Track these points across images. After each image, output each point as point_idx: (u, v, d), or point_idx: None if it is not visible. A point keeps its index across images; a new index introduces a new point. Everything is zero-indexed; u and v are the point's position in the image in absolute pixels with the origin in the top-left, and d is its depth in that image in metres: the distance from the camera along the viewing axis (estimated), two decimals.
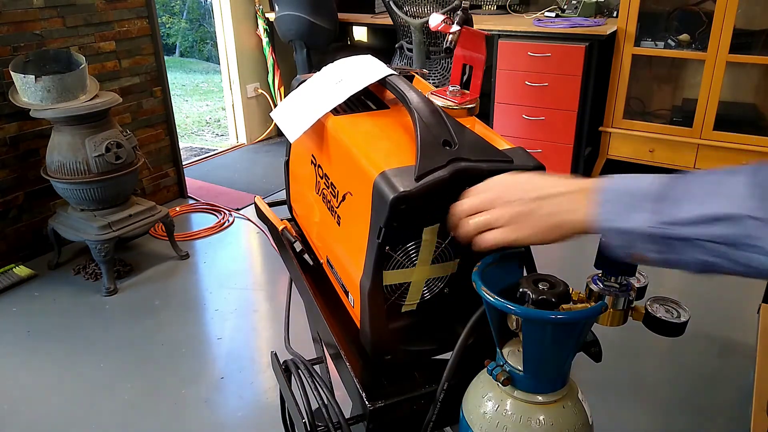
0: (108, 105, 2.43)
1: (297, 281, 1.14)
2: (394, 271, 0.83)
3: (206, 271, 2.75)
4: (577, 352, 0.71)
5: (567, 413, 0.71)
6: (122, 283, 2.61)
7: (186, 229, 3.12)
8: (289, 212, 1.22)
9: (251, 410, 1.89)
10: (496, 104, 3.47)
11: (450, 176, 0.76)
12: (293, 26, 3.71)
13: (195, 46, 8.13)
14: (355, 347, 0.93)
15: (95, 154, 2.40)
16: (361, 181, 0.80)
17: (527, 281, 0.69)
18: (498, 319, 0.70)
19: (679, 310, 0.73)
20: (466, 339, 0.77)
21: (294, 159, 1.12)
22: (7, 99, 2.47)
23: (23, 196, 2.71)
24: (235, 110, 4.37)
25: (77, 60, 2.52)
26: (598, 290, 0.71)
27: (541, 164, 0.82)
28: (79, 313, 2.40)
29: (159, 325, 2.33)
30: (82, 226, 2.49)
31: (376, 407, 0.84)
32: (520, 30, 3.30)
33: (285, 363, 1.04)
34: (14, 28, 2.56)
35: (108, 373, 2.07)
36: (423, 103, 0.84)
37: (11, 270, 2.64)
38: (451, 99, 0.92)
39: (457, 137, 0.80)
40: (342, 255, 0.92)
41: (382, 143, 0.88)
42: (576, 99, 3.23)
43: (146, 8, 3.06)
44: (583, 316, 0.66)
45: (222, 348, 2.22)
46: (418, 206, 0.76)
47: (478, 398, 0.74)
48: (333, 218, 0.93)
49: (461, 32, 0.93)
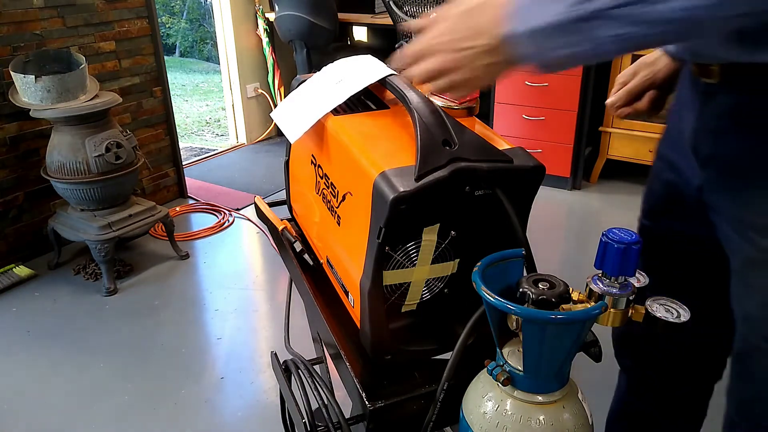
0: (108, 105, 2.43)
1: (297, 281, 1.14)
2: (394, 271, 0.83)
3: (206, 271, 2.75)
4: (577, 352, 0.71)
5: (567, 413, 0.71)
6: (122, 283, 2.61)
7: (186, 229, 3.12)
8: (289, 212, 1.22)
9: (251, 410, 1.89)
10: (496, 104, 3.47)
11: (450, 176, 0.76)
12: (293, 26, 3.71)
13: (195, 46, 8.13)
14: (355, 347, 0.93)
15: (95, 154, 2.40)
16: (361, 181, 0.80)
17: (527, 281, 0.69)
18: (498, 319, 0.70)
19: (679, 310, 0.73)
20: (466, 339, 0.77)
21: (294, 159, 1.12)
22: (7, 99, 2.47)
23: (23, 196, 2.71)
24: (235, 110, 4.37)
25: (77, 60, 2.52)
26: (598, 290, 0.71)
27: (541, 164, 0.82)
28: (79, 313, 2.40)
29: (159, 325, 2.33)
30: (82, 226, 2.49)
31: (376, 407, 0.84)
32: None
33: (285, 363, 1.04)
34: (14, 28, 2.56)
35: (108, 373, 2.07)
36: (423, 103, 0.84)
37: (11, 270, 2.64)
38: (451, 99, 0.92)
39: (457, 137, 0.80)
40: (342, 255, 0.92)
41: (382, 143, 0.88)
42: (576, 99, 3.23)
43: (146, 8, 3.06)
44: (583, 316, 0.66)
45: (222, 348, 2.22)
46: (418, 206, 0.76)
47: (478, 398, 0.74)
48: (333, 218, 0.93)
49: None
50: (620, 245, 0.69)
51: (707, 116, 0.78)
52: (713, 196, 0.81)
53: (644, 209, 1.04)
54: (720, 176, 0.79)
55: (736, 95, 0.74)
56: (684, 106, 0.85)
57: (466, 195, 0.79)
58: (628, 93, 1.01)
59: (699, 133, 0.81)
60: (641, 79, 1.00)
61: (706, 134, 0.79)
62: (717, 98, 0.76)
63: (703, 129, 0.79)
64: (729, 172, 0.77)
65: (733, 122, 0.75)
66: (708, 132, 0.79)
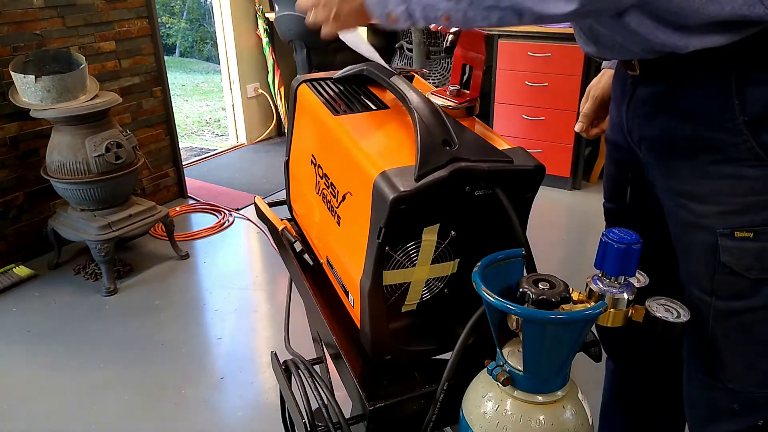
0: (108, 105, 2.43)
1: (297, 281, 1.14)
2: (394, 271, 0.83)
3: (206, 271, 2.75)
4: (577, 352, 0.71)
5: (567, 413, 0.71)
6: (122, 283, 2.61)
7: (186, 229, 3.12)
8: (289, 212, 1.22)
9: (251, 410, 1.89)
10: (496, 104, 3.47)
11: (450, 176, 0.76)
12: (293, 26, 3.71)
13: (195, 46, 8.14)
14: (355, 347, 0.93)
15: (95, 154, 2.40)
16: (361, 181, 0.80)
17: (527, 281, 0.69)
18: (498, 319, 0.70)
19: (679, 310, 0.73)
20: (466, 339, 0.77)
21: (294, 159, 1.12)
22: (7, 99, 2.47)
23: (23, 196, 2.71)
24: (235, 110, 4.37)
25: (77, 60, 2.53)
26: (598, 290, 0.72)
27: (541, 164, 0.82)
28: (79, 313, 2.40)
29: (159, 325, 2.33)
30: (82, 226, 2.49)
31: (376, 407, 0.84)
32: (520, 30, 3.29)
33: (285, 363, 1.04)
34: (14, 28, 2.56)
35: (108, 373, 2.07)
36: (423, 103, 0.84)
37: (11, 270, 2.64)
38: (451, 99, 0.92)
39: (456, 137, 0.80)
40: (342, 255, 0.92)
41: (382, 143, 0.88)
42: (576, 99, 3.22)
43: (146, 8, 3.06)
44: (583, 316, 0.66)
45: (222, 348, 2.22)
46: (418, 206, 0.76)
47: (478, 398, 0.74)
48: (333, 218, 0.93)
49: (461, 32, 0.93)
50: (620, 245, 0.69)
51: (634, 104, 0.91)
52: (651, 172, 0.92)
53: (605, 193, 1.15)
54: (652, 154, 0.90)
55: (654, 85, 0.86)
56: (617, 99, 0.98)
57: (466, 195, 0.79)
58: (585, 116, 1.16)
59: (630, 119, 0.93)
60: (592, 99, 1.15)
61: (636, 119, 0.91)
62: (640, 88, 0.89)
63: (633, 115, 0.92)
64: (657, 150, 0.89)
65: (654, 107, 0.87)
66: (637, 117, 0.91)
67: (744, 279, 0.81)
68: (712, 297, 0.84)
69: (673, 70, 0.82)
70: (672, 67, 0.81)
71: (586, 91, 1.18)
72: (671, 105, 0.84)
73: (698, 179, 0.83)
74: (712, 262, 0.83)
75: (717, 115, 0.78)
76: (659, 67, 0.83)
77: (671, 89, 0.83)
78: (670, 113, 0.84)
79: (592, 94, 1.15)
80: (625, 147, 0.99)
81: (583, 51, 0.95)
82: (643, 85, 0.89)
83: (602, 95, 1.14)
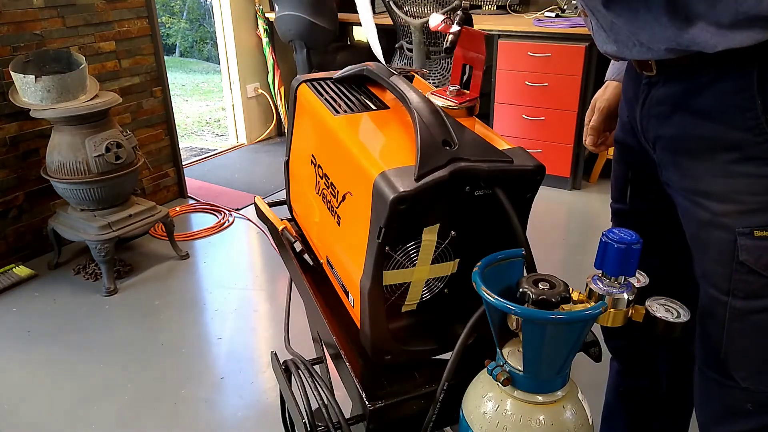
0: (108, 105, 2.43)
1: (297, 281, 1.14)
2: (394, 271, 0.83)
3: (206, 271, 2.75)
4: (577, 352, 0.71)
5: (567, 413, 0.71)
6: (122, 283, 2.61)
7: (186, 229, 3.12)
8: (289, 212, 1.22)
9: (251, 410, 1.89)
10: (496, 104, 3.47)
11: (450, 176, 0.76)
12: (293, 26, 3.71)
13: (195, 46, 8.13)
14: (355, 347, 0.93)
15: (95, 154, 2.40)
16: (361, 181, 0.80)
17: (527, 281, 0.69)
18: (498, 319, 0.70)
19: (679, 310, 0.73)
20: (466, 339, 0.77)
21: (294, 159, 1.12)
22: (7, 99, 2.47)
23: (23, 196, 2.71)
24: (235, 110, 4.37)
25: (77, 60, 2.52)
26: (598, 290, 0.72)
27: (541, 164, 0.82)
28: (79, 313, 2.40)
29: (159, 325, 2.33)
30: (82, 226, 2.49)
31: (376, 407, 0.84)
32: (520, 30, 3.30)
33: (285, 363, 1.04)
34: (14, 28, 2.56)
35: (108, 373, 2.07)
36: (423, 103, 0.84)
37: (11, 270, 2.64)
38: (451, 99, 0.92)
39: (456, 137, 0.80)
40: (342, 255, 0.92)
41: (382, 143, 0.88)
42: (576, 99, 3.22)
43: (146, 8, 3.06)
44: (583, 316, 0.66)
45: (222, 348, 2.22)
46: (418, 206, 0.76)
47: (478, 398, 0.74)
48: (333, 218, 0.93)
49: (461, 32, 0.93)
50: (620, 245, 0.69)
51: (649, 104, 0.91)
52: (665, 173, 0.92)
53: (613, 194, 1.15)
54: (667, 154, 0.90)
55: (671, 84, 0.86)
56: (630, 99, 0.97)
57: (466, 195, 0.79)
58: (594, 130, 1.17)
59: (645, 120, 0.93)
60: (599, 111, 1.16)
61: (651, 119, 0.91)
62: (655, 88, 0.89)
63: (648, 115, 0.92)
64: (674, 150, 0.88)
65: (671, 107, 0.87)
66: (651, 117, 0.91)
67: (762, 278, 0.81)
68: (728, 296, 0.84)
69: (692, 70, 0.82)
70: (691, 66, 0.81)
71: (590, 103, 1.18)
72: (689, 104, 0.84)
73: (717, 178, 0.82)
74: (730, 262, 0.83)
75: (738, 114, 0.78)
76: (677, 66, 0.83)
77: (689, 89, 0.83)
78: (688, 112, 0.84)
79: (598, 106, 1.16)
80: (636, 148, 0.99)
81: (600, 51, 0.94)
82: (659, 85, 0.88)
83: (608, 107, 1.14)
